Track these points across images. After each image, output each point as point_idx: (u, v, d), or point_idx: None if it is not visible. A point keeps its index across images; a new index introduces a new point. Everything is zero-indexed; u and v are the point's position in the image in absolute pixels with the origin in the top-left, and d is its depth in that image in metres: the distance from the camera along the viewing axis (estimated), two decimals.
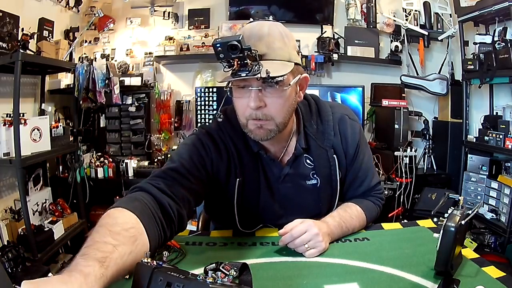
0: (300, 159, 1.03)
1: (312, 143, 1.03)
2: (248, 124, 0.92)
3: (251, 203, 1.02)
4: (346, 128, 1.05)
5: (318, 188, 1.04)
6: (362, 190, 1.09)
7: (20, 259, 1.70)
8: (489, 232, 2.29)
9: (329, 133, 1.03)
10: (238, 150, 1.00)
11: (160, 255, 0.88)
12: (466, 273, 0.82)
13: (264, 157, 1.01)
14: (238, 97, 0.91)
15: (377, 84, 2.86)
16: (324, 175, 1.04)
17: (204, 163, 0.97)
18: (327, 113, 1.05)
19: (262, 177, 1.02)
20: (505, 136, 2.14)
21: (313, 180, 1.04)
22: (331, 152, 1.03)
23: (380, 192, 1.14)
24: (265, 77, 0.80)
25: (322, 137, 1.03)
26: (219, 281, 0.63)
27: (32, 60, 2.06)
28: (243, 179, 1.00)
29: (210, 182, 0.99)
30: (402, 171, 2.44)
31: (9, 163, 1.85)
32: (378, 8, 2.97)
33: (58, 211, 2.28)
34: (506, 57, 2.13)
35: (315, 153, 1.03)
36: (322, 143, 1.03)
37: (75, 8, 2.77)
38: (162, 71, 3.05)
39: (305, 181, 1.04)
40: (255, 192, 1.02)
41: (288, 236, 0.92)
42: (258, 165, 1.02)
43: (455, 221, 0.77)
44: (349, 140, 1.04)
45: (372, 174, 1.11)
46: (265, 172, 1.03)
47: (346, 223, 1.01)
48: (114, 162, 2.62)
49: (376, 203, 1.12)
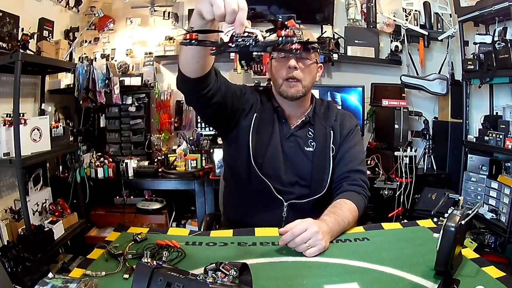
0: (305, 128, 1.31)
1: (317, 120, 1.32)
2: (283, 84, 1.25)
3: (263, 141, 1.27)
4: (345, 119, 1.35)
5: (313, 155, 1.28)
6: (346, 169, 1.27)
7: (20, 259, 1.70)
8: (489, 232, 2.29)
9: (332, 117, 1.33)
10: (262, 102, 1.32)
11: (160, 255, 0.88)
12: (466, 273, 0.82)
13: (280, 114, 1.31)
14: (278, 63, 1.25)
15: (377, 84, 2.86)
16: (319, 145, 1.28)
17: (240, 93, 1.29)
18: (334, 107, 1.40)
19: (276, 126, 1.30)
20: (505, 136, 2.14)
21: (310, 148, 1.29)
22: (329, 130, 1.30)
23: (364, 182, 1.27)
24: (308, 42, 1.22)
25: (325, 119, 1.33)
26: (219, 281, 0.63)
27: (32, 60, 2.06)
28: (259, 116, 1.28)
29: (237, 103, 1.27)
30: (402, 171, 2.44)
31: (9, 163, 1.85)
32: (378, 8, 2.97)
33: (58, 211, 2.28)
34: (506, 57, 2.12)
35: (317, 127, 1.31)
36: (325, 123, 1.32)
37: (75, 8, 2.77)
38: (162, 71, 3.05)
39: (304, 146, 1.29)
40: (267, 132, 1.28)
41: (289, 235, 0.93)
42: (274, 116, 1.31)
43: (455, 221, 0.77)
44: (345, 126, 1.33)
45: (358, 162, 1.30)
46: (278, 124, 1.30)
47: (341, 216, 1.07)
48: (114, 162, 2.61)
49: (359, 192, 1.23)
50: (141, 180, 2.58)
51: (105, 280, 0.81)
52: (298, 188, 1.27)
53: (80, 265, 0.88)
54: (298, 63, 1.22)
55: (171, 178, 2.55)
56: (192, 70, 1.04)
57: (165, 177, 2.57)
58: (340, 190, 1.24)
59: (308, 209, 1.24)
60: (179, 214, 2.79)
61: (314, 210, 1.22)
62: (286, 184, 1.26)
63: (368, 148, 2.88)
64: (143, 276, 0.61)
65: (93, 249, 0.97)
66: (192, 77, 1.05)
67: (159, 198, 2.70)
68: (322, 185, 1.25)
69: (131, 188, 2.68)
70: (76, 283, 0.73)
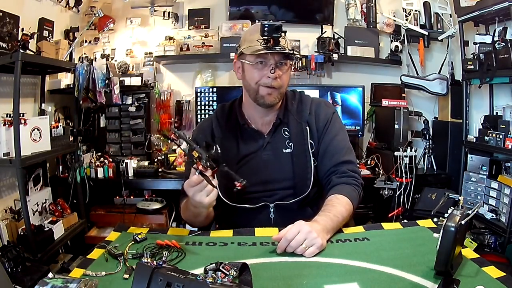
0: (279, 130, 1.27)
1: (290, 118, 1.27)
2: (260, 90, 1.20)
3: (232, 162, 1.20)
4: (320, 109, 1.30)
5: (292, 155, 1.25)
6: (332, 163, 1.24)
7: (20, 259, 1.70)
8: (489, 232, 2.29)
9: (305, 111, 1.28)
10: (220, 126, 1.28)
11: (160, 255, 0.88)
12: (466, 273, 0.82)
13: (248, 130, 1.28)
14: (255, 68, 1.19)
15: (377, 84, 2.86)
16: (297, 144, 1.25)
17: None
18: (306, 98, 1.33)
19: (241, 145, 1.27)
20: (505, 136, 2.14)
21: (288, 149, 1.26)
22: (305, 126, 1.26)
23: (353, 171, 1.24)
24: (290, 52, 1.16)
25: (299, 114, 1.28)
26: (219, 281, 0.63)
27: (32, 60, 2.06)
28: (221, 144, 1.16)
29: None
30: (402, 171, 2.43)
31: (9, 163, 1.85)
32: (378, 8, 2.96)
33: (58, 211, 2.28)
34: (506, 57, 2.12)
35: (292, 125, 1.27)
36: (300, 118, 1.27)
37: (75, 8, 2.77)
38: (162, 71, 3.05)
39: (282, 149, 1.26)
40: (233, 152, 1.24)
41: (283, 241, 0.93)
42: (238, 133, 1.28)
43: (455, 221, 0.77)
44: (321, 117, 1.28)
45: (344, 151, 1.26)
46: (245, 142, 1.27)
47: (333, 212, 1.07)
48: (114, 162, 2.61)
49: (350, 182, 1.20)
50: (141, 180, 2.58)
51: (105, 280, 0.81)
52: (281, 191, 1.24)
53: (80, 265, 0.88)
54: (276, 71, 1.18)
55: (171, 178, 2.55)
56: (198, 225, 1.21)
57: (165, 177, 2.57)
58: (330, 185, 1.22)
59: (295, 209, 1.22)
60: (179, 214, 2.77)
61: (301, 209, 1.22)
62: (269, 189, 1.24)
63: (368, 148, 2.89)
64: (143, 276, 0.61)
65: (93, 249, 0.98)
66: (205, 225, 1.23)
67: (159, 198, 2.70)
68: (306, 184, 1.22)
69: (131, 188, 2.68)
70: (76, 283, 0.73)
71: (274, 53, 1.15)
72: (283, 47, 1.14)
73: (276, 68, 1.17)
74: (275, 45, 1.13)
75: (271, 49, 1.13)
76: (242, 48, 1.21)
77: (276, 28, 1.10)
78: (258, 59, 1.18)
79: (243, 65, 1.23)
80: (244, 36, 1.25)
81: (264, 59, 1.17)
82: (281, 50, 1.14)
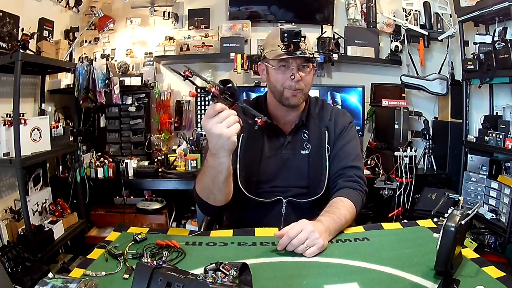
0: (299, 131, 1.32)
1: (311, 121, 1.33)
2: (284, 92, 1.24)
3: (255, 156, 1.27)
4: (339, 117, 1.35)
5: (308, 157, 1.29)
6: (340, 166, 1.28)
7: (20, 259, 1.70)
8: (489, 232, 2.29)
9: (326, 117, 1.34)
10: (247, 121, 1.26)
11: (160, 255, 0.88)
12: (466, 273, 0.82)
13: (273, 128, 1.30)
14: (279, 73, 1.24)
15: (377, 84, 2.86)
16: (315, 146, 1.29)
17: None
18: (328, 105, 1.40)
19: (265, 141, 1.30)
20: (505, 136, 2.14)
21: (306, 150, 1.30)
22: (324, 130, 1.31)
23: (359, 177, 1.27)
24: (311, 56, 1.20)
25: (320, 119, 1.33)
26: (219, 281, 0.63)
27: (32, 60, 2.06)
28: (247, 135, 1.25)
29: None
30: (402, 171, 2.43)
31: (9, 163, 1.85)
32: (378, 8, 2.97)
33: (58, 211, 2.28)
34: (506, 57, 2.12)
35: (312, 128, 1.32)
36: (320, 123, 1.32)
37: (75, 8, 2.77)
38: (162, 71, 3.05)
39: (300, 150, 1.30)
40: (258, 146, 1.29)
41: (285, 238, 0.93)
42: (264, 131, 1.29)
43: (455, 221, 0.77)
44: (339, 124, 1.33)
45: (352, 158, 1.29)
46: (270, 139, 1.31)
47: (336, 214, 1.08)
48: (114, 162, 2.61)
49: (355, 187, 1.23)
50: (141, 180, 2.58)
51: (105, 280, 0.81)
52: (296, 189, 1.27)
53: (80, 265, 0.88)
54: (299, 73, 1.22)
55: (171, 178, 2.55)
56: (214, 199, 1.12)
57: (165, 177, 2.56)
58: (336, 188, 1.25)
59: (306, 208, 1.25)
60: (179, 214, 2.79)
61: (313, 210, 1.22)
62: (285, 186, 1.28)
63: (368, 148, 2.89)
64: (143, 276, 0.61)
65: (93, 249, 0.97)
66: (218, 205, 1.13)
67: (159, 198, 2.70)
68: (320, 185, 1.25)
69: (131, 188, 2.68)
70: (76, 283, 0.73)
71: (295, 57, 1.18)
72: (303, 51, 1.17)
73: (298, 70, 1.21)
74: (295, 50, 1.16)
75: (291, 54, 1.17)
76: (265, 52, 1.27)
77: (296, 33, 1.13)
78: (280, 63, 1.22)
79: (267, 68, 1.28)
80: (267, 40, 1.30)
81: (286, 63, 1.22)
82: (301, 54, 1.17)
